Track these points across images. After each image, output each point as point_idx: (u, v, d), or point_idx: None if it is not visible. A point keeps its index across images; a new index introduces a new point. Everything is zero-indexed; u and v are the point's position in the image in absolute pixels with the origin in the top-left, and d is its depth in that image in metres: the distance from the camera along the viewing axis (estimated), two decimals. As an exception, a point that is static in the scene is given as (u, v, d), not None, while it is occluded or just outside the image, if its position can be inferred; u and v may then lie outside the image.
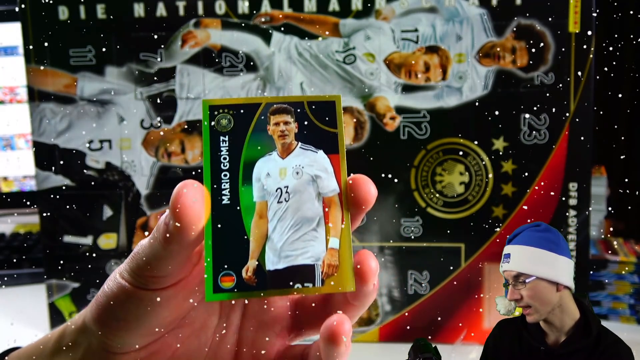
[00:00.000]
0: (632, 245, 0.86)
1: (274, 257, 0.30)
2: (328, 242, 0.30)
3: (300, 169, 0.31)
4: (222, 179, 0.30)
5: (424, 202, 0.75)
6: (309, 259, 0.30)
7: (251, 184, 0.31)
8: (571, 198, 0.72)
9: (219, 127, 0.31)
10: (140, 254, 0.31)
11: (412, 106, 0.74)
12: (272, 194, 0.31)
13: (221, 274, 0.29)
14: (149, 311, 0.31)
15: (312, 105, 0.31)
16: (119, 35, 0.76)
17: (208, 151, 0.30)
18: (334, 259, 0.30)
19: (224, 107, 0.31)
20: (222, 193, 0.30)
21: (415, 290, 0.76)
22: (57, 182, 0.78)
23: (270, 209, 0.30)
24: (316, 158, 0.31)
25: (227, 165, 0.30)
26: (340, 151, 0.31)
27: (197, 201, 0.29)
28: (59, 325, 0.80)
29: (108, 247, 0.79)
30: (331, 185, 0.31)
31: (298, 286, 0.29)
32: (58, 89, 0.77)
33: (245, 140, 0.31)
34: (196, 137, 0.77)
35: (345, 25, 0.74)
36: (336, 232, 0.30)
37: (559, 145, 0.72)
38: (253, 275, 0.29)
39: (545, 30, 0.71)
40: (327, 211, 0.30)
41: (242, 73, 0.76)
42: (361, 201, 0.31)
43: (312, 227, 0.30)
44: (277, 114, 0.31)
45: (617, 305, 0.80)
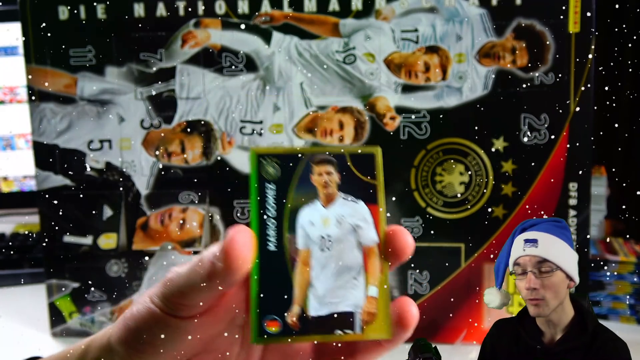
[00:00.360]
0: (632, 245, 0.86)
1: (317, 304, 0.31)
2: (367, 290, 0.31)
3: (342, 218, 0.32)
4: (268, 225, 0.32)
5: (424, 202, 0.75)
6: (350, 306, 0.31)
7: (295, 232, 0.32)
8: (571, 198, 0.72)
9: (266, 175, 0.32)
10: (175, 282, 0.32)
11: (412, 106, 0.74)
12: (315, 242, 0.32)
13: (267, 318, 0.31)
14: (176, 337, 0.32)
15: (353, 157, 0.33)
16: (119, 35, 0.76)
17: (255, 198, 0.32)
18: (372, 307, 0.31)
19: (270, 156, 0.32)
20: (268, 239, 0.31)
21: (415, 290, 0.76)
22: (57, 182, 0.78)
23: (314, 256, 0.32)
24: (357, 208, 0.32)
25: (273, 212, 0.32)
26: (380, 202, 0.33)
27: (247, 247, 0.30)
28: (59, 325, 0.80)
29: (108, 247, 0.79)
30: (371, 235, 0.32)
31: (339, 332, 0.31)
32: (58, 89, 0.77)
33: (290, 189, 0.32)
34: (196, 137, 0.77)
35: (345, 25, 0.74)
36: (375, 280, 0.31)
37: (559, 145, 0.72)
38: (297, 321, 0.31)
39: (545, 30, 0.71)
40: (366, 260, 0.32)
41: (242, 73, 0.76)
42: (399, 252, 0.32)
43: (352, 275, 0.32)
44: (320, 165, 0.33)
45: (617, 305, 0.80)
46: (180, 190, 0.78)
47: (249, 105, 0.76)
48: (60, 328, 0.80)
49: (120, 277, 0.79)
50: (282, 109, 0.75)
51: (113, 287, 0.79)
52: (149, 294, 0.33)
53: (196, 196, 0.77)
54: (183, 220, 0.78)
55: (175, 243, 0.78)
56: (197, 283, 0.31)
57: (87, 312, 0.79)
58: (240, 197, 0.77)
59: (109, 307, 0.79)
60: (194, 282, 0.31)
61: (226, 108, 0.76)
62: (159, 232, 0.78)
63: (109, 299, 0.79)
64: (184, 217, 0.78)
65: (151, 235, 0.78)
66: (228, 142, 0.76)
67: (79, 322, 0.79)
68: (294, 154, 0.33)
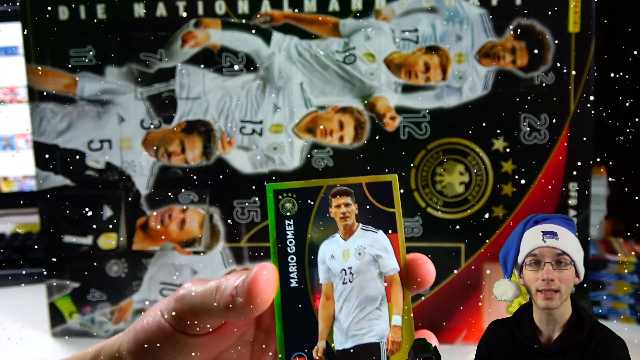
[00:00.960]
0: (632, 245, 0.86)
1: (342, 337, 0.31)
2: (391, 319, 0.31)
3: (362, 249, 0.32)
4: (289, 262, 0.32)
5: (424, 202, 0.75)
6: (374, 337, 0.31)
7: (316, 267, 0.32)
8: (571, 198, 0.72)
9: (284, 211, 0.32)
10: (188, 302, 0.32)
11: (412, 106, 0.74)
12: (337, 276, 0.32)
13: (294, 355, 0.31)
14: (185, 353, 0.33)
15: (370, 186, 0.33)
16: (119, 35, 0.76)
17: (274, 234, 0.32)
18: (397, 336, 0.31)
19: (287, 191, 0.32)
20: (289, 275, 0.32)
21: (415, 290, 0.76)
22: (57, 182, 0.78)
23: (336, 290, 0.32)
24: (377, 238, 0.32)
25: (293, 248, 0.32)
26: (399, 230, 0.33)
27: (270, 286, 0.30)
28: (59, 325, 0.80)
29: (108, 247, 0.79)
30: (392, 264, 0.32)
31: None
32: (58, 89, 0.77)
33: (310, 223, 0.32)
34: (196, 137, 0.77)
35: (345, 25, 0.74)
36: (398, 309, 0.32)
37: (559, 145, 0.72)
38: (323, 356, 0.31)
39: (545, 30, 0.71)
40: (389, 289, 0.32)
41: (242, 73, 0.76)
42: (422, 280, 0.32)
43: (375, 306, 0.32)
44: (338, 197, 0.33)
45: (617, 305, 0.80)
46: (180, 190, 0.78)
47: (249, 105, 0.76)
48: (60, 328, 0.80)
49: (120, 277, 0.79)
50: (282, 109, 0.75)
51: (113, 287, 0.79)
52: (160, 307, 0.34)
53: (196, 196, 0.77)
54: (183, 220, 0.78)
55: (175, 243, 0.78)
56: (211, 308, 0.31)
57: (87, 312, 0.79)
58: (240, 197, 0.77)
59: (109, 307, 0.79)
60: (207, 307, 0.31)
61: (226, 108, 0.76)
62: (159, 232, 0.78)
63: (109, 299, 0.79)
64: (184, 217, 0.78)
65: (151, 235, 0.78)
66: (228, 142, 0.77)
67: (79, 322, 0.79)
68: (310, 187, 0.33)
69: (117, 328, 0.79)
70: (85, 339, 0.79)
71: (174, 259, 0.77)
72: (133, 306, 0.79)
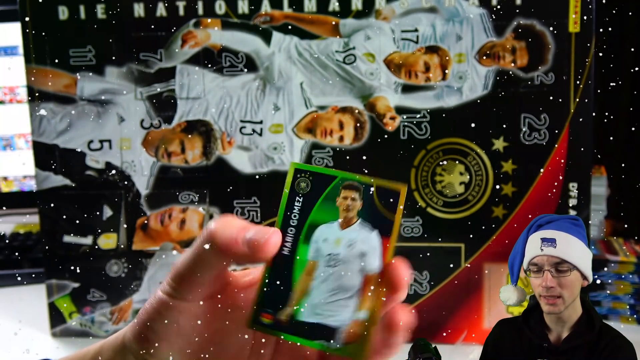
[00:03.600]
0: (632, 245, 0.86)
1: (308, 311, 0.34)
2: (358, 313, 0.34)
3: (353, 242, 0.34)
4: (287, 232, 0.35)
5: (424, 202, 0.75)
6: (336, 322, 0.34)
7: (309, 244, 0.35)
8: (571, 198, 0.72)
9: (298, 189, 0.36)
10: (182, 260, 0.34)
11: (412, 106, 0.74)
12: (323, 257, 0.34)
13: (264, 310, 0.34)
14: (185, 323, 0.34)
15: (379, 189, 0.35)
16: (119, 35, 0.76)
17: (284, 207, 0.35)
18: (357, 329, 0.33)
19: (306, 172, 0.36)
20: (284, 244, 0.35)
21: (415, 290, 0.76)
22: (57, 182, 0.78)
23: (318, 269, 0.34)
24: (370, 237, 0.34)
25: (295, 222, 0.35)
26: (392, 237, 0.34)
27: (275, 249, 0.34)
28: (59, 325, 0.80)
29: (108, 247, 0.79)
30: (374, 264, 0.34)
31: (319, 342, 0.34)
32: (58, 89, 0.77)
33: (316, 205, 0.35)
34: (196, 137, 0.77)
35: (345, 25, 0.74)
36: (366, 307, 0.34)
37: (559, 145, 0.72)
38: (287, 320, 0.34)
39: (545, 30, 0.71)
40: (365, 287, 0.34)
41: (242, 73, 0.76)
42: (393, 285, 0.33)
43: (346, 296, 0.34)
44: (347, 189, 0.35)
45: (617, 305, 0.80)
46: (180, 190, 0.78)
47: (249, 105, 0.76)
48: (60, 328, 0.80)
49: (120, 277, 0.79)
50: (282, 109, 0.75)
51: (113, 287, 0.79)
52: (159, 287, 0.36)
53: (196, 196, 0.77)
54: (183, 220, 0.78)
55: (175, 243, 0.78)
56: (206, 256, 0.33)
57: (87, 312, 0.79)
58: (240, 197, 0.77)
59: (109, 307, 0.79)
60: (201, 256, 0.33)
61: (226, 108, 0.76)
62: (159, 232, 0.78)
63: (109, 299, 0.79)
64: (184, 217, 0.78)
65: (151, 235, 0.78)
66: (228, 142, 0.76)
67: (79, 322, 0.79)
68: (327, 175, 0.35)
69: (117, 328, 0.79)
70: (85, 339, 0.79)
71: (174, 259, 0.77)
72: (133, 306, 0.79)
